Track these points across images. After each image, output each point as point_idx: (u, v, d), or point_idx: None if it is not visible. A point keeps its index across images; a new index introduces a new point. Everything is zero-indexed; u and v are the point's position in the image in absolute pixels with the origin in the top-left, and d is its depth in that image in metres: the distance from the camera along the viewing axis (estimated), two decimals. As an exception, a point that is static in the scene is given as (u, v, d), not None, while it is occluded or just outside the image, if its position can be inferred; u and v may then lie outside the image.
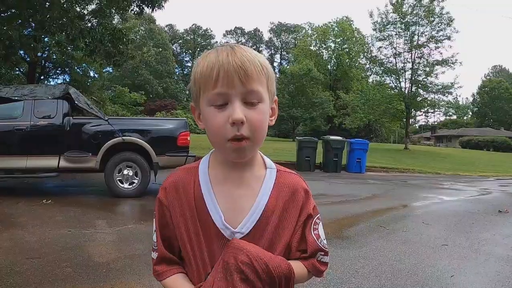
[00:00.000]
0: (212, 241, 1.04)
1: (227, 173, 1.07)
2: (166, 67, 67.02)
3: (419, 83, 32.74)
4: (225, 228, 1.03)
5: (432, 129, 79.73)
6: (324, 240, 1.12)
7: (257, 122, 0.98)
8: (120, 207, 7.17)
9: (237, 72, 0.96)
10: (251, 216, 1.03)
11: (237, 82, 0.96)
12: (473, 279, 4.07)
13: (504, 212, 7.75)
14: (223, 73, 0.96)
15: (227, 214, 1.04)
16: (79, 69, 29.43)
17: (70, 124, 7.72)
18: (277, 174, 1.10)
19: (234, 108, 0.96)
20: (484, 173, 19.59)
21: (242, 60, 0.97)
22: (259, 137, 1.00)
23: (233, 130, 0.96)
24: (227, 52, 0.98)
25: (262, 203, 1.05)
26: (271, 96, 1.05)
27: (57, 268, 3.83)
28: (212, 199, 1.05)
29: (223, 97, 0.97)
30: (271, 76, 1.04)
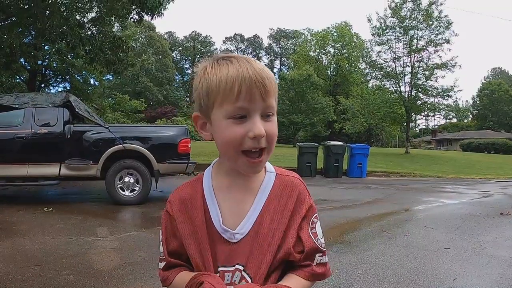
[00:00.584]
0: (216, 245, 1.08)
1: (232, 181, 1.11)
2: (166, 74, 67.13)
3: (418, 87, 32.76)
4: (224, 231, 1.07)
5: (432, 133, 79.65)
6: (321, 239, 1.14)
7: (273, 133, 1.04)
8: (121, 214, 7.17)
9: (259, 88, 0.99)
10: (249, 218, 1.07)
11: (258, 97, 1.00)
12: (476, 282, 4.06)
13: (506, 214, 7.72)
14: (245, 88, 0.99)
15: (228, 218, 1.08)
16: (79, 77, 29.45)
17: (71, 132, 7.73)
18: (276, 178, 1.14)
19: (255, 123, 1.00)
20: (485, 175, 19.53)
21: (261, 76, 1.00)
22: (273, 147, 1.06)
23: (254, 143, 1.01)
24: (246, 66, 1.01)
25: (259, 205, 1.09)
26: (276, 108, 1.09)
27: (59, 276, 3.83)
28: (215, 207, 1.10)
29: (244, 110, 1.01)
30: (277, 89, 1.08)
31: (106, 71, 16.82)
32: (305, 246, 1.10)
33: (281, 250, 1.07)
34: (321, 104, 43.07)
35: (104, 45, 14.57)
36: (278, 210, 1.09)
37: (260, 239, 1.07)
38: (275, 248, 1.07)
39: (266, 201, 1.09)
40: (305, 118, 42.22)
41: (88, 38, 14.37)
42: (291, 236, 1.09)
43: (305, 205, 1.12)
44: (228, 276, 1.06)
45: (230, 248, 1.07)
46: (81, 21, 15.21)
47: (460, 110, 48.67)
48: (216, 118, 1.04)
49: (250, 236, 1.07)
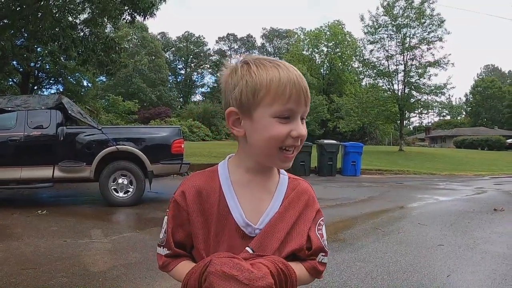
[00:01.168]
0: (233, 238, 1.12)
1: (252, 178, 1.18)
2: (160, 75, 66.91)
3: (412, 85, 32.91)
4: (246, 226, 1.13)
5: (426, 130, 79.97)
6: (325, 241, 1.22)
7: (305, 135, 1.13)
8: (115, 216, 7.15)
9: (304, 93, 1.11)
10: (267, 215, 1.14)
11: (303, 102, 1.11)
12: (470, 278, 4.09)
13: (500, 210, 7.77)
14: (296, 92, 1.09)
15: (248, 213, 1.14)
16: (72, 79, 29.43)
17: (64, 134, 7.70)
18: (289, 180, 1.23)
19: (298, 125, 1.11)
20: (479, 172, 19.63)
21: (305, 84, 1.12)
22: (300, 146, 1.14)
23: (293, 142, 1.11)
24: (294, 73, 1.12)
25: (277, 204, 1.16)
26: None
27: (53, 278, 3.82)
28: (234, 200, 1.15)
29: (290, 112, 1.09)
30: None
31: (99, 73, 16.80)
32: (313, 244, 1.17)
33: (289, 246, 1.14)
34: (315, 103, 43.13)
35: (97, 46, 14.56)
36: (290, 210, 1.17)
37: (273, 235, 1.13)
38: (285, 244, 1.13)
39: (282, 202, 1.17)
40: (299, 117, 42.23)
41: (80, 40, 14.36)
42: (301, 235, 1.16)
43: (314, 208, 1.21)
44: None
45: (247, 242, 1.12)
46: (73, 23, 15.19)
47: (453, 108, 48.96)
48: (261, 116, 1.10)
49: (267, 230, 1.13)
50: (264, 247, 1.11)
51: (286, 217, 1.15)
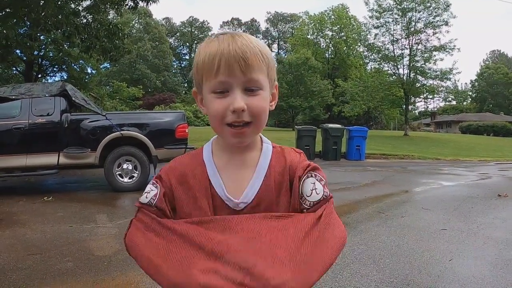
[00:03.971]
0: (220, 213, 1.07)
1: (231, 157, 1.13)
2: (164, 60, 66.88)
3: (417, 69, 32.75)
4: (228, 199, 1.08)
5: (431, 115, 79.67)
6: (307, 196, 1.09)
7: (257, 108, 1.03)
8: (120, 201, 7.21)
9: (238, 61, 0.99)
10: (252, 187, 1.09)
11: (238, 71, 1.00)
12: (472, 262, 4.10)
13: (504, 196, 7.75)
14: (224, 62, 1.00)
15: (231, 190, 1.09)
16: (76, 66, 29.37)
17: (68, 121, 7.74)
18: (273, 150, 1.15)
19: (235, 97, 1.01)
20: (484, 158, 19.58)
21: (242, 49, 1.00)
22: (260, 122, 1.05)
23: (233, 117, 1.02)
24: (228, 42, 1.02)
25: (261, 174, 1.10)
26: (271, 83, 1.09)
27: (59, 263, 3.87)
28: (217, 179, 1.10)
29: (224, 85, 1.02)
30: (271, 64, 1.08)
31: (103, 59, 16.78)
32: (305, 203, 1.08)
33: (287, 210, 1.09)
34: (320, 87, 43.01)
35: (100, 33, 14.53)
36: (278, 177, 1.11)
37: (264, 205, 1.08)
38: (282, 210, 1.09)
39: (267, 171, 1.11)
40: (304, 101, 42.19)
41: (83, 27, 14.33)
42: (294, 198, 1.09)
43: (300, 166, 1.12)
44: None
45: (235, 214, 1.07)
46: (76, 10, 15.14)
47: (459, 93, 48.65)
48: (205, 93, 1.07)
49: (254, 204, 1.08)
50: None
51: (273, 187, 1.09)
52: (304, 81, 42.27)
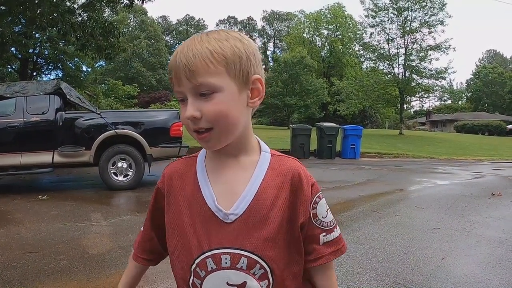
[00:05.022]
0: (209, 223, 1.02)
1: (223, 160, 1.07)
2: (159, 58, 66.61)
3: (412, 68, 32.82)
4: (218, 210, 1.02)
5: (427, 114, 79.89)
6: (323, 218, 1.08)
7: (212, 113, 0.96)
8: (115, 199, 7.21)
9: (183, 70, 0.96)
10: (244, 198, 1.02)
11: (184, 79, 0.96)
12: (464, 261, 4.14)
13: (497, 195, 7.79)
14: (174, 73, 0.98)
15: (221, 198, 1.03)
16: (71, 64, 29.30)
17: (63, 119, 7.73)
18: (272, 159, 1.08)
19: (187, 106, 0.97)
20: (478, 157, 19.64)
21: (187, 56, 0.96)
22: (222, 125, 0.98)
23: (193, 124, 0.98)
24: (178, 50, 0.99)
25: (255, 186, 1.03)
26: (239, 80, 1.00)
27: (53, 261, 3.88)
28: (207, 185, 1.05)
29: (180, 94, 1.00)
30: (231, 60, 0.98)
31: (98, 57, 16.69)
32: (307, 230, 1.06)
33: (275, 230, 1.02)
34: (315, 86, 42.96)
35: (95, 31, 14.48)
36: (273, 191, 1.03)
37: (257, 221, 1.01)
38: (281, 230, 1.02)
39: (263, 181, 1.04)
40: (299, 100, 42.13)
41: (79, 24, 14.27)
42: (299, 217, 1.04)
43: (305, 189, 1.06)
44: (226, 259, 1.00)
45: (224, 228, 1.01)
46: (72, 8, 15.09)
47: (454, 92, 48.86)
48: None
49: (244, 217, 1.01)
50: (251, 240, 1.00)
51: (269, 202, 1.02)
52: (300, 79, 42.21)
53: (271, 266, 1.01)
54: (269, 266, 1.00)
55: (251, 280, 0.99)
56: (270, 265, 1.01)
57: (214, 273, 1.00)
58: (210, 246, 1.01)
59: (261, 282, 1.00)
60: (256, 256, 0.99)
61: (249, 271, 0.99)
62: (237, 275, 0.99)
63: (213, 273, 1.00)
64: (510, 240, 4.86)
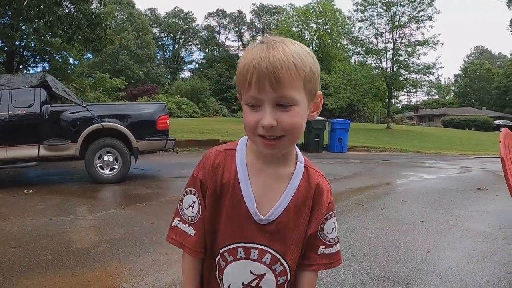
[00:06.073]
0: (243, 222, 1.12)
1: (262, 165, 1.14)
2: (147, 51, 66.16)
3: (400, 63, 32.96)
4: (255, 214, 1.11)
5: (414, 109, 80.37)
6: (328, 233, 1.19)
7: (288, 124, 1.01)
8: (101, 193, 7.16)
9: (268, 78, 0.97)
10: (278, 207, 1.12)
11: (268, 88, 0.98)
12: (449, 254, 4.17)
13: (483, 190, 7.86)
14: (256, 78, 0.99)
15: (259, 203, 1.12)
16: (58, 57, 28.96)
17: (49, 112, 7.63)
18: (304, 171, 1.17)
19: (264, 114, 1.00)
20: (465, 151, 19.83)
21: (274, 64, 0.98)
22: (293, 135, 1.04)
23: (265, 131, 1.01)
24: (261, 55, 1.00)
25: (288, 197, 1.13)
26: (310, 94, 1.07)
27: (38, 256, 3.85)
28: (247, 187, 1.12)
29: (256, 100, 1.01)
30: (310, 76, 1.04)
31: (85, 50, 16.52)
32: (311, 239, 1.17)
33: (303, 239, 1.17)
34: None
35: (82, 23, 14.31)
36: (302, 200, 1.14)
37: (286, 227, 1.13)
38: (301, 237, 1.16)
39: (296, 191, 1.14)
40: (287, 94, 42.05)
41: (66, 16, 14.09)
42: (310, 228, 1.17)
43: (323, 202, 1.17)
44: (254, 252, 1.13)
45: (257, 227, 1.12)
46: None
47: (442, 87, 49.13)
48: (242, 103, 1.08)
49: (277, 223, 1.12)
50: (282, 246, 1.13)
51: (297, 209, 1.14)
52: (288, 73, 42.13)
53: (290, 266, 1.15)
54: (289, 265, 1.15)
55: (270, 274, 1.14)
56: (290, 265, 1.15)
57: (241, 260, 1.13)
58: (243, 239, 1.13)
59: (279, 278, 1.14)
60: (279, 255, 1.13)
61: (270, 266, 1.13)
62: (260, 267, 1.13)
63: (240, 260, 1.13)
64: (495, 234, 4.91)
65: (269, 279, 1.14)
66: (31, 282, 3.27)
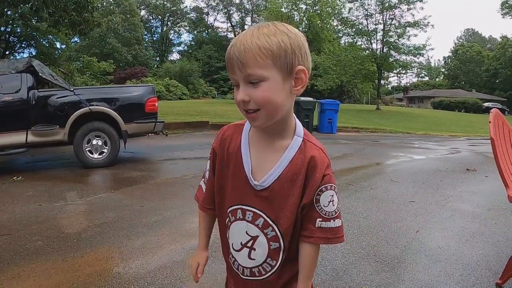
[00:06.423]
0: (243, 186, 1.27)
1: (261, 138, 1.28)
2: (135, 34, 65.44)
3: (390, 45, 32.90)
4: (250, 179, 1.26)
5: (404, 90, 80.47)
6: (324, 206, 1.25)
7: (259, 98, 1.14)
8: (90, 177, 7.11)
9: (236, 61, 1.13)
10: (270, 176, 1.24)
11: (237, 69, 1.14)
12: (438, 234, 4.20)
13: (472, 171, 7.90)
14: (229, 63, 1.16)
15: (255, 170, 1.27)
16: (45, 41, 28.57)
17: (36, 98, 7.52)
18: (302, 144, 1.26)
19: (239, 91, 1.16)
20: (454, 133, 19.89)
21: (239, 49, 1.13)
22: (269, 108, 1.15)
23: (243, 106, 1.17)
24: (234, 43, 1.16)
25: (281, 167, 1.24)
26: (284, 70, 1.15)
27: (29, 243, 3.83)
28: (246, 155, 1.28)
29: (234, 80, 1.18)
30: (277, 53, 1.13)
31: (72, 33, 16.29)
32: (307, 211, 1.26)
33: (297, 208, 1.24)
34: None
35: (68, 6, 14.10)
36: (296, 172, 1.23)
37: (278, 195, 1.24)
38: (294, 207, 1.24)
39: (289, 164, 1.23)
40: (276, 75, 41.88)
41: (51, 0, 13.86)
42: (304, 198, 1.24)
43: (317, 174, 1.23)
44: (249, 215, 1.27)
45: (253, 192, 1.26)
46: (44, -18, 14.62)
47: (431, 69, 49.29)
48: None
49: (270, 190, 1.24)
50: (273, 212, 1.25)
51: (289, 180, 1.23)
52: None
53: (282, 233, 1.25)
54: (281, 232, 1.25)
55: (262, 237, 1.27)
56: (282, 232, 1.25)
57: (239, 221, 1.29)
58: (242, 201, 1.28)
59: (271, 243, 1.27)
60: (270, 221, 1.25)
61: (262, 230, 1.26)
62: (253, 229, 1.27)
63: (238, 221, 1.29)
64: (484, 215, 4.94)
65: (262, 242, 1.27)
66: (22, 269, 3.26)
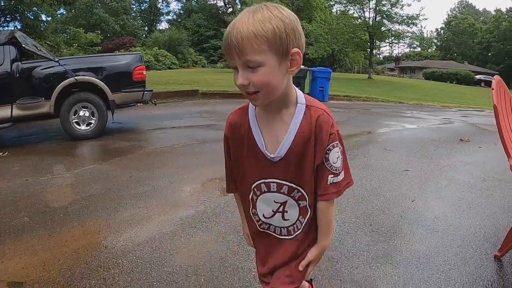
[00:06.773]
0: (260, 162, 1.39)
1: (267, 114, 1.37)
2: (122, 3, 64.20)
3: (383, 13, 32.49)
4: (267, 154, 1.37)
5: (396, 61, 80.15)
6: (333, 163, 1.35)
7: (257, 82, 1.20)
8: (78, 149, 6.95)
9: (234, 48, 1.17)
10: (283, 145, 1.34)
11: (235, 56, 1.19)
12: (435, 203, 4.13)
13: (465, 141, 7.80)
14: (227, 49, 1.21)
15: (269, 145, 1.37)
16: (29, 14, 27.86)
17: (19, 70, 7.26)
18: (306, 110, 1.34)
19: (238, 75, 1.22)
20: (446, 104, 19.81)
21: (236, 37, 1.16)
22: (266, 89, 1.23)
23: (242, 89, 1.24)
24: (230, 29, 1.19)
25: (291, 135, 1.33)
26: (279, 54, 1.20)
27: (14, 219, 3.71)
28: (258, 134, 1.38)
29: (232, 64, 1.23)
30: (272, 39, 1.18)
31: (57, 4, 15.88)
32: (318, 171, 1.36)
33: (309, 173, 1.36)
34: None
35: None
36: (306, 135, 1.32)
37: (295, 161, 1.34)
38: (311, 168, 1.35)
39: (297, 131, 1.32)
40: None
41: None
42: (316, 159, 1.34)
43: (324, 134, 1.32)
44: (273, 186, 1.40)
45: (271, 164, 1.37)
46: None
47: (424, 39, 49.02)
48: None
49: (286, 158, 1.34)
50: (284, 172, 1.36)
51: (301, 145, 1.33)
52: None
53: (307, 192, 1.38)
54: (306, 192, 1.38)
55: (290, 200, 1.41)
56: (307, 192, 1.38)
57: (265, 194, 1.42)
58: (263, 176, 1.40)
59: (300, 201, 1.40)
60: (295, 185, 1.38)
61: (289, 194, 1.39)
62: (280, 197, 1.41)
63: (265, 193, 1.42)
64: (479, 185, 4.84)
65: (291, 204, 1.41)
66: (7, 248, 3.14)
